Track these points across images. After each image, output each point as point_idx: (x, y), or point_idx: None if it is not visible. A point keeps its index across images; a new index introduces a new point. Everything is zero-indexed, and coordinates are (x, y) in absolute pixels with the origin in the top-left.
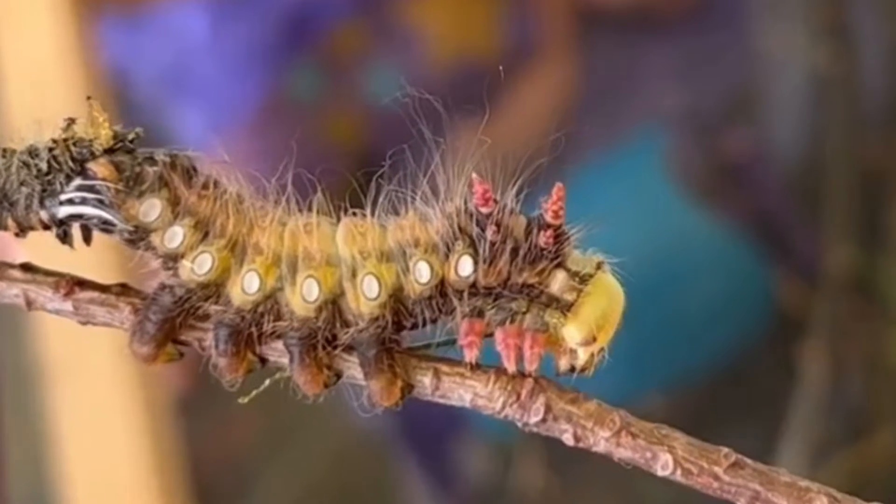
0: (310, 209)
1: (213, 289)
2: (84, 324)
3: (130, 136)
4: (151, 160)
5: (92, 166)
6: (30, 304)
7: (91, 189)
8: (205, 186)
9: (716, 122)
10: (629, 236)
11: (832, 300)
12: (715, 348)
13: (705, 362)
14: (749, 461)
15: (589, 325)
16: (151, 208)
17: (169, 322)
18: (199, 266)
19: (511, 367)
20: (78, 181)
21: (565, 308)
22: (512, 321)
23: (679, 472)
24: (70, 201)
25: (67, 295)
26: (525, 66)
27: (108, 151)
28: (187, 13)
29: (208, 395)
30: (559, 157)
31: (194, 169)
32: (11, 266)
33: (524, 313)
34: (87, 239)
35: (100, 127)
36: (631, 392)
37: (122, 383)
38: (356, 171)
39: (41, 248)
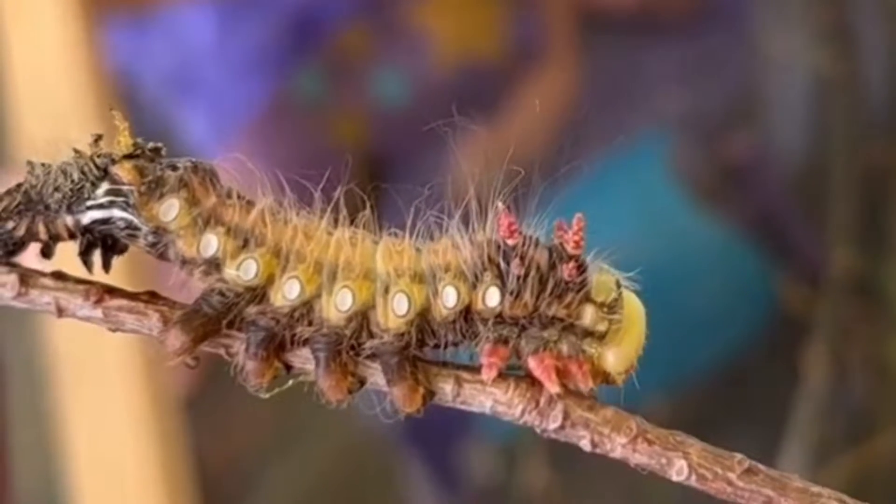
0: (352, 223)
1: (260, 292)
2: (114, 331)
3: (150, 146)
4: (174, 166)
5: (116, 170)
6: (61, 311)
7: (118, 193)
8: (229, 196)
9: (719, 126)
10: (632, 239)
11: (835, 302)
12: (717, 350)
13: (708, 364)
14: (762, 467)
15: (630, 357)
16: (170, 208)
17: (213, 322)
18: (245, 272)
19: (555, 387)
20: (106, 185)
21: (600, 337)
22: (545, 349)
23: (694, 477)
24: (100, 206)
25: (98, 303)
26: (529, 70)
27: (128, 157)
28: (193, 15)
29: (214, 393)
30: (562, 161)
31: (216, 176)
32: (43, 274)
33: (557, 342)
34: (107, 265)
35: (120, 135)
36: (634, 393)
37: (129, 382)
38: (365, 176)
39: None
